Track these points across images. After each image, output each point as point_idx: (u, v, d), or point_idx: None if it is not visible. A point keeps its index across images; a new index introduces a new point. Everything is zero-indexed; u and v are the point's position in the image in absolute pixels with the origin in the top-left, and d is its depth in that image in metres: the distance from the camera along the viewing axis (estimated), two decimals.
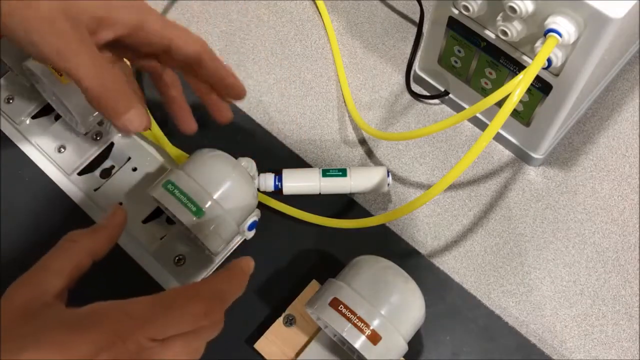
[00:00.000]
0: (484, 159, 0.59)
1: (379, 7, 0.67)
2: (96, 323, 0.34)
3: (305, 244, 0.54)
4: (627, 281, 0.53)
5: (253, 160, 0.52)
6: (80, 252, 0.39)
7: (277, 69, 0.63)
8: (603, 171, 0.58)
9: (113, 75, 0.39)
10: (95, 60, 0.38)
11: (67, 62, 0.37)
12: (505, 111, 0.43)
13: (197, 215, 0.46)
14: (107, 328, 0.33)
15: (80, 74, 0.38)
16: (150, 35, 0.42)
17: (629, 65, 0.62)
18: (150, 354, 0.34)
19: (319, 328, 0.49)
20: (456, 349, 0.50)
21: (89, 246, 0.39)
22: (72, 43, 0.37)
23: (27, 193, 0.56)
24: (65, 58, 0.37)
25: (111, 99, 0.39)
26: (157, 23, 0.42)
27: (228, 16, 0.66)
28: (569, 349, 0.51)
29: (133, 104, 0.40)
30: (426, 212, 0.56)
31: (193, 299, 0.36)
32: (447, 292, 0.52)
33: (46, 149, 0.57)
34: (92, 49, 0.38)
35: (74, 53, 0.37)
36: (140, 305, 0.35)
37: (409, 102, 0.62)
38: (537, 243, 0.55)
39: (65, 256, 0.38)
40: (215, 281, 0.38)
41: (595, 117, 0.60)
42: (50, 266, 0.37)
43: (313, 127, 0.60)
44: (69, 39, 0.37)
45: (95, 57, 0.38)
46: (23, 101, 0.59)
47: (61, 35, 0.37)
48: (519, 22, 0.46)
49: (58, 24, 0.37)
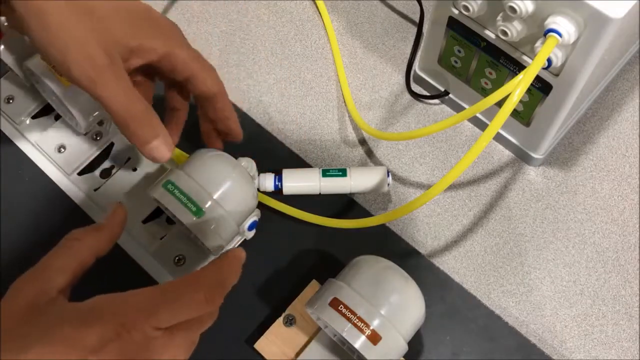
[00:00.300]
0: (484, 159, 0.59)
1: (379, 7, 0.67)
2: (100, 316, 0.34)
3: (305, 244, 0.54)
4: (627, 281, 0.53)
5: (253, 160, 0.52)
6: (83, 250, 0.39)
7: (277, 69, 0.63)
8: (603, 171, 0.58)
9: (140, 104, 0.41)
10: (124, 88, 0.40)
11: (97, 88, 0.39)
12: (505, 111, 0.43)
13: (197, 215, 0.46)
14: (112, 320, 0.34)
15: (109, 101, 0.40)
16: (176, 65, 0.44)
17: (629, 65, 0.62)
18: (155, 343, 0.34)
19: (319, 328, 0.49)
20: (456, 349, 0.50)
21: (92, 244, 0.40)
22: (102, 70, 0.39)
23: (27, 193, 0.56)
24: (95, 84, 0.39)
25: (138, 127, 0.41)
26: (184, 55, 0.44)
27: (228, 16, 0.66)
28: (569, 349, 0.51)
29: (158, 131, 0.42)
30: (426, 212, 0.56)
31: (194, 286, 0.36)
32: (447, 292, 0.52)
33: (46, 149, 0.57)
34: (121, 77, 0.40)
35: (104, 80, 0.39)
36: (143, 295, 0.35)
37: (409, 102, 0.62)
38: (537, 243, 0.55)
39: (69, 254, 0.38)
40: (212, 269, 0.38)
41: (595, 117, 0.60)
42: (54, 264, 0.37)
43: (313, 127, 0.60)
44: (101, 66, 0.39)
45: (124, 85, 0.40)
46: (23, 101, 0.59)
47: (93, 62, 0.39)
48: (519, 22, 0.46)
49: (91, 50, 0.39)
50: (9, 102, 0.58)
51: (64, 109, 0.54)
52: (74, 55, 0.39)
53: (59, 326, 0.34)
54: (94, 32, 0.39)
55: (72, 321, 0.34)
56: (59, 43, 0.39)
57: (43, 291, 0.36)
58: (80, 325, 0.33)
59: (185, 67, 0.44)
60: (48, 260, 0.38)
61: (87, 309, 0.35)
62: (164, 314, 0.35)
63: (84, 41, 0.39)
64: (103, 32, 0.40)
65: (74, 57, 0.39)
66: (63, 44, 0.39)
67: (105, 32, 0.40)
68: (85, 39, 0.39)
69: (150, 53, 0.43)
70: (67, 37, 0.39)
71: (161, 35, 0.43)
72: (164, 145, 0.43)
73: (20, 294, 0.36)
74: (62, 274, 0.37)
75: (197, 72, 0.45)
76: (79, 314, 0.34)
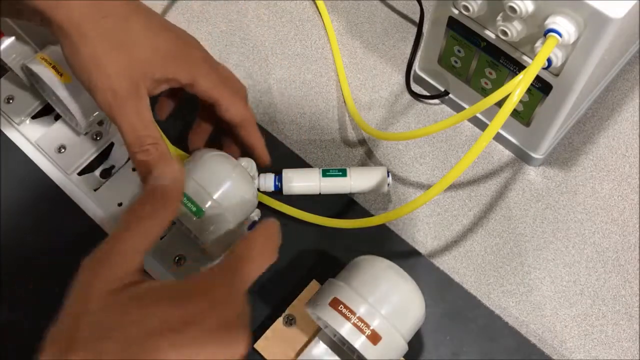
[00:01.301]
0: (484, 159, 0.59)
1: (379, 7, 0.67)
2: (195, 287, 0.34)
3: (305, 244, 0.54)
4: (627, 281, 0.53)
5: (253, 160, 0.52)
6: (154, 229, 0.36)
7: (277, 69, 0.63)
8: (603, 171, 0.58)
9: (152, 137, 0.43)
10: (140, 120, 0.43)
11: (115, 117, 0.42)
12: (505, 111, 0.43)
13: (197, 215, 0.46)
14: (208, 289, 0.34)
15: (123, 130, 0.42)
16: (199, 92, 0.47)
17: (629, 65, 0.62)
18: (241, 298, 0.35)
19: (319, 328, 0.49)
20: (456, 349, 0.50)
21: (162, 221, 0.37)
22: (123, 102, 0.42)
23: (27, 193, 0.56)
24: (114, 114, 0.42)
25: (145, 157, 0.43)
26: (208, 83, 0.46)
27: (228, 16, 0.66)
28: (569, 349, 0.51)
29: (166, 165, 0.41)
30: (426, 212, 0.56)
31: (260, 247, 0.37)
32: (447, 292, 0.52)
33: (46, 149, 0.57)
34: (140, 110, 0.43)
35: (123, 111, 0.42)
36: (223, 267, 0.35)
37: (409, 102, 0.62)
38: (537, 243, 0.55)
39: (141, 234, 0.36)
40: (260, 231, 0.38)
41: (595, 117, 0.60)
42: (128, 247, 0.35)
43: (313, 127, 0.60)
44: (122, 97, 0.42)
45: (141, 117, 0.43)
46: (23, 101, 0.59)
47: (115, 94, 0.42)
48: (519, 22, 0.46)
49: (116, 83, 0.42)
50: (9, 102, 0.58)
51: (64, 109, 0.54)
52: (99, 84, 0.42)
53: (155, 305, 0.33)
54: (123, 67, 0.42)
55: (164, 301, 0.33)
56: (88, 71, 0.42)
57: (123, 275, 0.34)
58: (180, 300, 0.33)
59: (207, 95, 0.47)
60: (120, 244, 0.35)
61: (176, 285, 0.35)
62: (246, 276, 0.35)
63: (111, 74, 0.42)
64: (132, 68, 0.43)
65: (99, 86, 0.42)
66: (91, 73, 0.42)
67: (135, 67, 0.43)
68: (111, 72, 0.42)
69: (173, 82, 0.46)
70: (95, 68, 0.42)
71: (186, 67, 0.46)
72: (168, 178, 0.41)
73: (99, 281, 0.34)
74: (138, 256, 0.35)
75: (221, 99, 0.47)
76: (170, 291, 0.34)
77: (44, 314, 0.52)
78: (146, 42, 0.44)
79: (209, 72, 0.47)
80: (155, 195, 0.36)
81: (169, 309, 0.33)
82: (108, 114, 0.43)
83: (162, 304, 0.33)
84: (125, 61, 0.43)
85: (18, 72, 0.55)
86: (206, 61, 0.48)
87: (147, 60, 0.43)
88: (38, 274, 0.53)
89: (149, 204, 0.36)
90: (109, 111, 0.42)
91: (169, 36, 0.45)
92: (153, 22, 0.45)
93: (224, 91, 0.47)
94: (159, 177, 0.37)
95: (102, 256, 0.35)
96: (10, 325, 0.51)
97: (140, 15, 0.44)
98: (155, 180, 0.37)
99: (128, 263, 0.35)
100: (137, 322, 0.32)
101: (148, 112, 0.43)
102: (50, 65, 0.51)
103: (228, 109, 0.48)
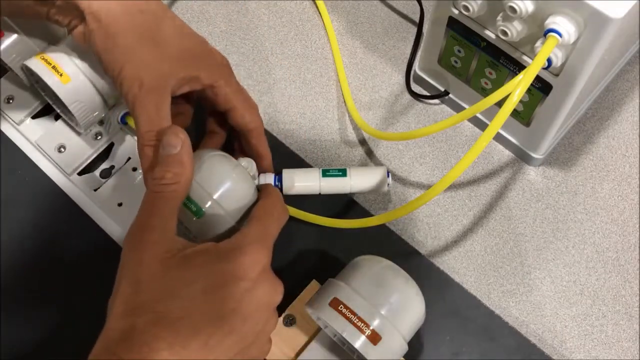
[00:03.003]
0: (484, 159, 0.59)
1: (379, 7, 0.67)
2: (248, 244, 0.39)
3: (305, 244, 0.54)
4: (627, 281, 0.53)
5: (253, 161, 0.52)
6: (181, 190, 0.41)
7: (277, 69, 0.63)
8: (603, 171, 0.58)
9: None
10: (159, 115, 0.44)
11: (135, 108, 0.43)
12: (505, 111, 0.43)
13: (197, 215, 0.46)
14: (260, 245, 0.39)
15: (141, 120, 0.43)
16: (218, 96, 0.48)
17: (629, 65, 0.62)
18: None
19: (319, 328, 0.49)
20: (456, 349, 0.50)
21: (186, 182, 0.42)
22: (146, 94, 0.43)
23: (27, 193, 0.56)
24: (135, 104, 0.43)
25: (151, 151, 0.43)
26: (227, 88, 0.48)
27: (228, 16, 0.66)
28: (569, 349, 0.51)
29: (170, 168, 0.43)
30: (426, 212, 0.56)
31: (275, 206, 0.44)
32: (447, 292, 0.52)
33: (46, 149, 0.57)
34: (161, 104, 0.44)
35: (144, 103, 0.43)
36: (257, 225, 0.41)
37: (409, 102, 0.62)
38: (537, 243, 0.55)
39: (172, 198, 0.40)
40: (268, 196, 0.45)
41: (595, 117, 0.60)
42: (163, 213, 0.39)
43: (313, 127, 0.60)
44: (148, 90, 0.43)
45: (160, 113, 0.44)
46: (23, 101, 0.59)
47: (143, 84, 0.43)
48: (519, 22, 0.46)
49: (143, 75, 0.43)
50: (9, 102, 0.58)
51: (64, 109, 0.54)
52: (128, 75, 0.43)
53: (207, 264, 0.37)
54: (153, 61, 0.44)
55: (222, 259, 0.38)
56: (119, 61, 0.44)
57: (167, 239, 0.38)
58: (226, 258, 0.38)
59: (226, 99, 0.48)
60: (156, 210, 0.39)
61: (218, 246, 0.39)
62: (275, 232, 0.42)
63: (142, 65, 0.44)
64: (162, 63, 0.44)
65: (128, 76, 0.43)
66: (122, 63, 0.44)
67: (164, 63, 0.44)
68: (142, 65, 0.44)
69: (195, 83, 0.47)
70: (127, 59, 0.44)
71: (209, 68, 0.47)
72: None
73: (147, 248, 0.37)
74: (174, 218, 0.40)
75: (237, 106, 0.49)
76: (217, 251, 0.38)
77: (44, 313, 0.52)
78: (176, 41, 0.46)
79: (230, 77, 0.49)
80: (173, 162, 0.41)
81: (221, 266, 0.37)
82: (130, 103, 0.44)
83: (213, 263, 0.37)
84: (157, 56, 0.44)
85: (18, 72, 0.55)
86: (227, 67, 0.50)
87: (176, 58, 0.45)
88: (38, 274, 0.53)
89: (169, 172, 0.40)
90: (132, 101, 0.43)
91: (195, 39, 0.48)
92: (181, 25, 0.47)
93: (243, 97, 0.49)
94: (169, 147, 0.41)
95: (143, 225, 0.39)
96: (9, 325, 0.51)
97: (171, 16, 0.47)
98: (167, 151, 0.41)
99: (168, 226, 0.39)
100: (193, 280, 0.36)
101: (167, 109, 0.44)
102: (50, 65, 0.51)
103: (244, 115, 0.49)
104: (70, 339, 0.37)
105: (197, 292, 0.36)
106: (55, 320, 0.51)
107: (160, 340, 0.34)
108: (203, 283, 0.36)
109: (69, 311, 0.52)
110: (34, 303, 0.52)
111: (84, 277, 0.52)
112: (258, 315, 0.38)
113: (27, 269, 0.53)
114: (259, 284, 0.38)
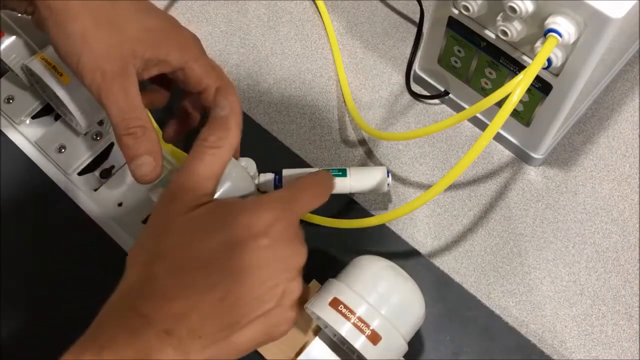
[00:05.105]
0: (484, 159, 0.59)
1: (379, 7, 0.67)
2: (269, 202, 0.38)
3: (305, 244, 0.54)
4: (627, 281, 0.53)
5: (253, 160, 0.52)
6: (224, 154, 0.40)
7: (277, 69, 0.63)
8: (603, 171, 0.58)
9: (140, 118, 0.42)
10: (127, 100, 0.41)
11: (102, 97, 0.41)
12: (505, 111, 0.43)
13: None
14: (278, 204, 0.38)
15: (109, 110, 0.41)
16: (189, 78, 0.45)
17: (629, 65, 0.62)
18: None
19: (319, 328, 0.49)
20: (456, 349, 0.50)
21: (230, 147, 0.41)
22: (111, 81, 0.41)
23: (27, 193, 0.56)
24: (100, 93, 0.41)
25: (131, 138, 0.42)
26: (198, 69, 0.45)
27: (228, 16, 0.66)
28: (569, 349, 0.51)
29: (150, 148, 0.42)
30: (426, 212, 0.56)
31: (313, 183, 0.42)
32: (447, 292, 0.52)
33: (46, 149, 0.57)
34: (128, 89, 0.41)
35: (110, 91, 0.41)
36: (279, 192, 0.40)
37: (409, 102, 0.62)
38: (537, 243, 0.55)
39: (214, 161, 0.40)
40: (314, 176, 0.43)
41: (595, 117, 0.60)
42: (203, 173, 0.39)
43: (313, 127, 0.60)
44: (110, 77, 0.41)
45: (128, 97, 0.41)
46: (23, 101, 0.59)
47: (103, 74, 0.41)
48: (519, 22, 0.46)
49: (104, 62, 0.41)
50: (9, 102, 0.58)
51: (64, 109, 0.54)
52: (87, 65, 0.41)
53: (231, 216, 0.37)
54: (112, 46, 0.41)
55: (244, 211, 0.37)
56: (75, 51, 0.41)
57: (197, 197, 0.38)
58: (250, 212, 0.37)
59: (198, 81, 0.45)
60: (195, 171, 0.39)
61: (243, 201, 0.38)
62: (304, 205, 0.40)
63: (99, 54, 0.41)
64: (122, 46, 0.41)
65: (88, 67, 0.41)
66: (79, 53, 0.41)
67: (124, 46, 0.41)
68: (100, 52, 0.41)
69: (164, 65, 0.44)
70: (83, 48, 0.40)
71: (178, 49, 0.44)
72: (151, 164, 0.42)
73: (177, 205, 0.37)
74: (210, 181, 0.39)
75: (210, 87, 0.46)
76: (242, 205, 0.38)
77: (44, 313, 0.52)
78: (136, 21, 0.43)
79: (200, 56, 0.46)
80: (219, 125, 0.40)
81: (241, 219, 0.36)
82: (96, 95, 0.41)
83: (234, 216, 0.37)
84: (115, 40, 0.41)
85: (18, 72, 0.55)
86: (196, 44, 0.46)
87: (138, 38, 0.42)
88: (38, 273, 0.53)
89: (214, 135, 0.40)
90: (97, 92, 0.41)
91: (159, 17, 0.45)
92: (142, 3, 0.44)
93: (216, 77, 0.46)
94: (217, 109, 0.40)
95: (181, 183, 0.38)
96: (9, 324, 0.51)
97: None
98: (215, 112, 0.40)
99: (202, 188, 0.39)
100: (213, 231, 0.36)
101: (136, 93, 0.42)
102: (50, 65, 0.51)
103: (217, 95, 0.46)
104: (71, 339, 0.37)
105: (217, 244, 0.36)
106: (55, 321, 0.51)
107: (178, 291, 0.34)
108: (223, 236, 0.36)
109: (69, 311, 0.52)
110: (34, 303, 0.52)
111: (84, 277, 0.52)
112: (278, 276, 0.36)
113: (27, 269, 0.53)
114: (280, 242, 0.37)
